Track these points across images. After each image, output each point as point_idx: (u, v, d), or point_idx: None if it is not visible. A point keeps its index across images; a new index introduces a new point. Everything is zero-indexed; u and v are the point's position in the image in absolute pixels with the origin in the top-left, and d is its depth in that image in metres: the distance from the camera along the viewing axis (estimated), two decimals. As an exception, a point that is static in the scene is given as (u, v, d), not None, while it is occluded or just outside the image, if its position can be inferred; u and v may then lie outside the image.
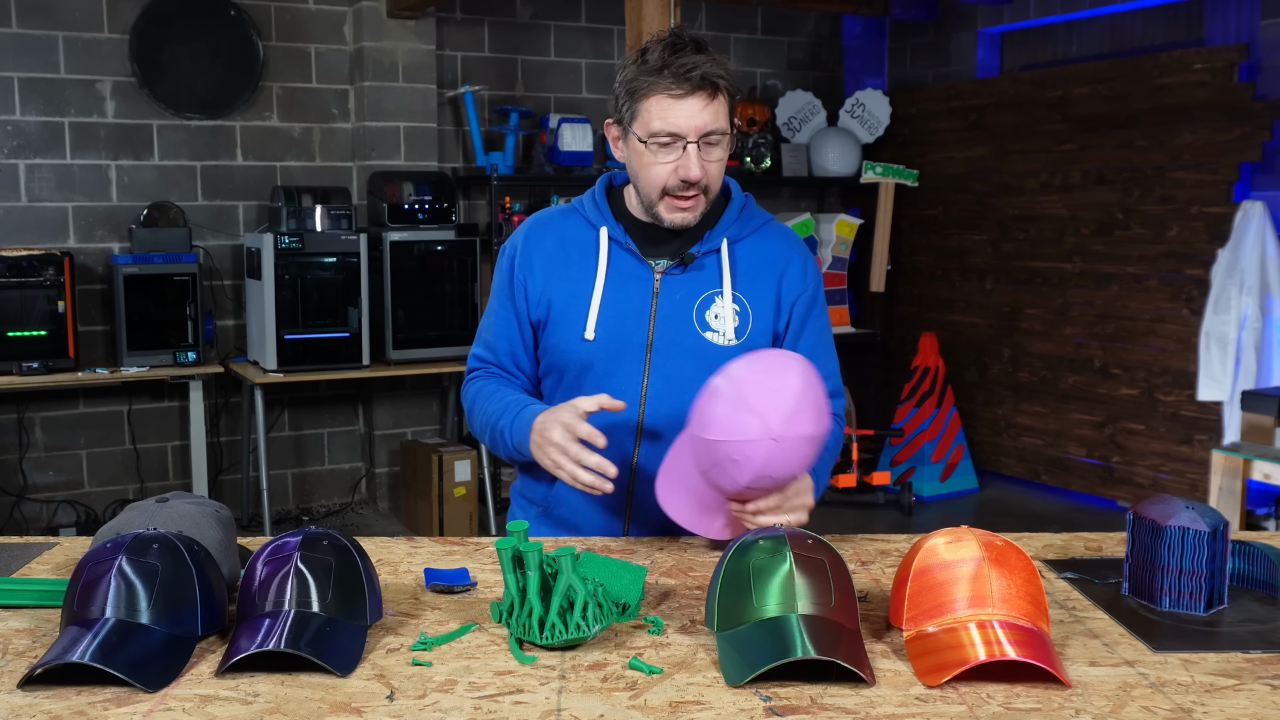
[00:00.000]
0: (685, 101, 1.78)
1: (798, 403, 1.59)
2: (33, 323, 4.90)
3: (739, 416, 1.59)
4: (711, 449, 1.62)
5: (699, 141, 1.80)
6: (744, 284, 1.91)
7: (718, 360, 1.82)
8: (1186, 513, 1.51)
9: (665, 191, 1.84)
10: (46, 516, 5.40)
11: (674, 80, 1.78)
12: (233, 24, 5.51)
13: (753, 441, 1.58)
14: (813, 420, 1.61)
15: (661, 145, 1.81)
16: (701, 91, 1.78)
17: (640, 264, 1.90)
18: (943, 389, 6.28)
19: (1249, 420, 4.27)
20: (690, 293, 1.89)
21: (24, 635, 1.42)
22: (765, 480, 1.62)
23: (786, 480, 1.65)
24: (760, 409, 1.58)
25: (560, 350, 1.91)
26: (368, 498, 6.04)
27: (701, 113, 1.79)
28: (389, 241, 5.31)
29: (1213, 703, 1.22)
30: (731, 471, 1.61)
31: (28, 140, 5.22)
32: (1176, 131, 5.41)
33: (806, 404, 1.60)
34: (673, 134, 1.79)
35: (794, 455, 1.60)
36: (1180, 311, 5.44)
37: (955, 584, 1.34)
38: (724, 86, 1.81)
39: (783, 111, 6.66)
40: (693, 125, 1.79)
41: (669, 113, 1.79)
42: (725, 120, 1.83)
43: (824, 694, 1.23)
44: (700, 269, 1.90)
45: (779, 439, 1.57)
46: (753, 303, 1.91)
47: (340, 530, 1.49)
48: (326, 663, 1.27)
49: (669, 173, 1.82)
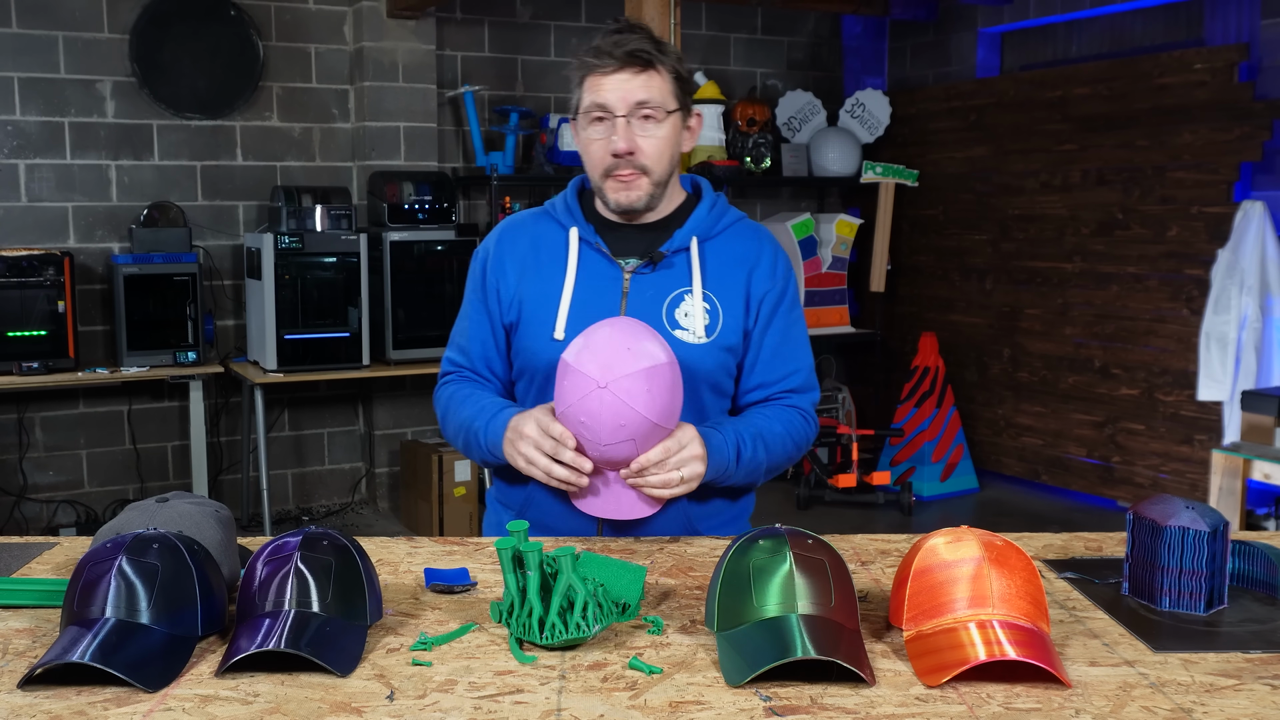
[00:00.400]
0: (612, 76, 1.81)
1: (610, 346, 1.65)
2: (33, 323, 4.90)
3: (566, 380, 1.67)
4: (567, 423, 1.70)
5: (628, 115, 1.81)
6: (713, 282, 1.91)
7: (688, 358, 1.83)
8: (1186, 513, 1.51)
9: (605, 172, 1.85)
10: (46, 516, 5.40)
11: (600, 57, 1.81)
12: (233, 24, 5.51)
13: (585, 397, 1.65)
14: (630, 358, 1.64)
15: (592, 121, 1.83)
16: (630, 66, 1.81)
17: (610, 263, 1.90)
18: (943, 389, 6.28)
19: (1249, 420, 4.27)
20: (660, 291, 1.88)
21: (24, 635, 1.42)
22: (621, 431, 1.66)
23: (643, 427, 1.67)
24: (581, 365, 1.65)
25: (531, 352, 1.91)
26: (368, 498, 6.04)
27: (628, 84, 1.80)
28: (389, 241, 5.31)
29: (1213, 703, 1.22)
30: (590, 435, 1.67)
31: (28, 140, 5.22)
32: (1176, 131, 5.41)
33: (619, 345, 1.65)
34: (601, 106, 1.82)
35: (632, 397, 1.64)
36: (1180, 311, 5.44)
37: (955, 584, 1.34)
38: (657, 62, 1.82)
39: (783, 111, 6.66)
40: (619, 97, 1.80)
41: (599, 88, 1.82)
42: (663, 95, 1.83)
43: (824, 694, 1.23)
44: (670, 267, 1.90)
45: (605, 385, 1.63)
46: (722, 300, 1.90)
47: (340, 530, 1.49)
48: (326, 663, 1.27)
49: (603, 150, 1.83)
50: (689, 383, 1.85)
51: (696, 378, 1.87)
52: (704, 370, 1.89)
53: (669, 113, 1.84)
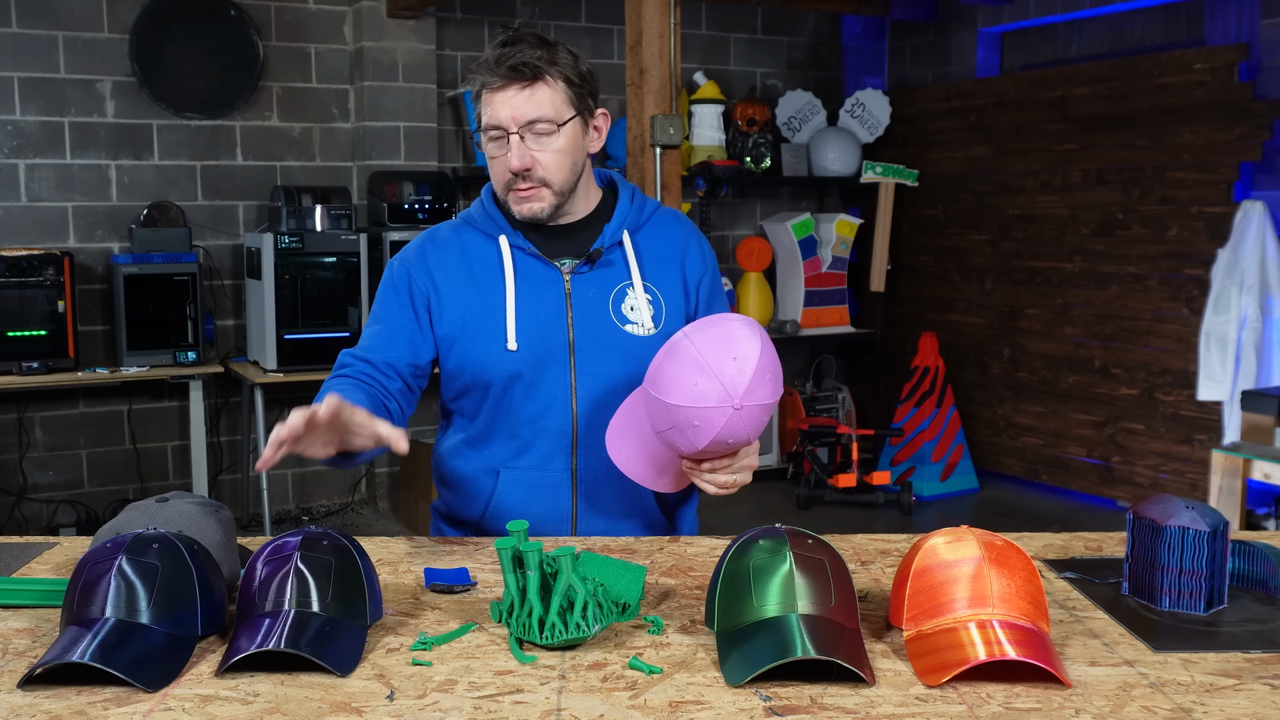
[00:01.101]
0: (502, 93, 1.78)
1: (759, 371, 1.58)
2: (33, 323, 4.90)
3: (701, 382, 1.58)
4: (671, 412, 1.61)
5: (520, 132, 1.78)
6: (650, 273, 1.92)
7: (642, 351, 1.82)
8: (1186, 513, 1.51)
9: (506, 187, 1.84)
10: (46, 516, 5.40)
11: (491, 73, 1.78)
12: (233, 24, 5.51)
13: (714, 409, 1.57)
14: (771, 388, 1.61)
15: (490, 139, 1.81)
16: (517, 80, 1.77)
17: (546, 266, 1.89)
18: (943, 389, 6.28)
19: (1249, 420, 4.27)
20: (602, 288, 1.88)
21: (24, 635, 1.42)
22: (722, 446, 1.63)
23: (743, 445, 1.66)
24: (723, 377, 1.57)
25: (483, 365, 1.87)
26: (368, 498, 6.04)
27: (516, 100, 1.77)
28: (389, 241, 5.31)
29: (1213, 703, 1.22)
30: (690, 435, 1.61)
31: (28, 140, 5.22)
32: (1176, 131, 5.41)
33: (766, 372, 1.60)
34: (496, 126, 1.79)
35: (753, 422, 1.61)
36: (1180, 311, 5.44)
37: (955, 584, 1.34)
38: (546, 73, 1.78)
39: (783, 111, 6.66)
40: (509, 115, 1.78)
41: (491, 105, 1.79)
42: (555, 107, 1.79)
43: (824, 694, 1.23)
44: (608, 264, 1.90)
45: (740, 408, 1.57)
46: (662, 290, 1.91)
47: (340, 530, 1.49)
48: (326, 663, 1.27)
49: (502, 167, 1.82)
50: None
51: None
52: None
53: (562, 124, 1.80)
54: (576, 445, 1.87)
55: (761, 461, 6.45)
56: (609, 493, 1.89)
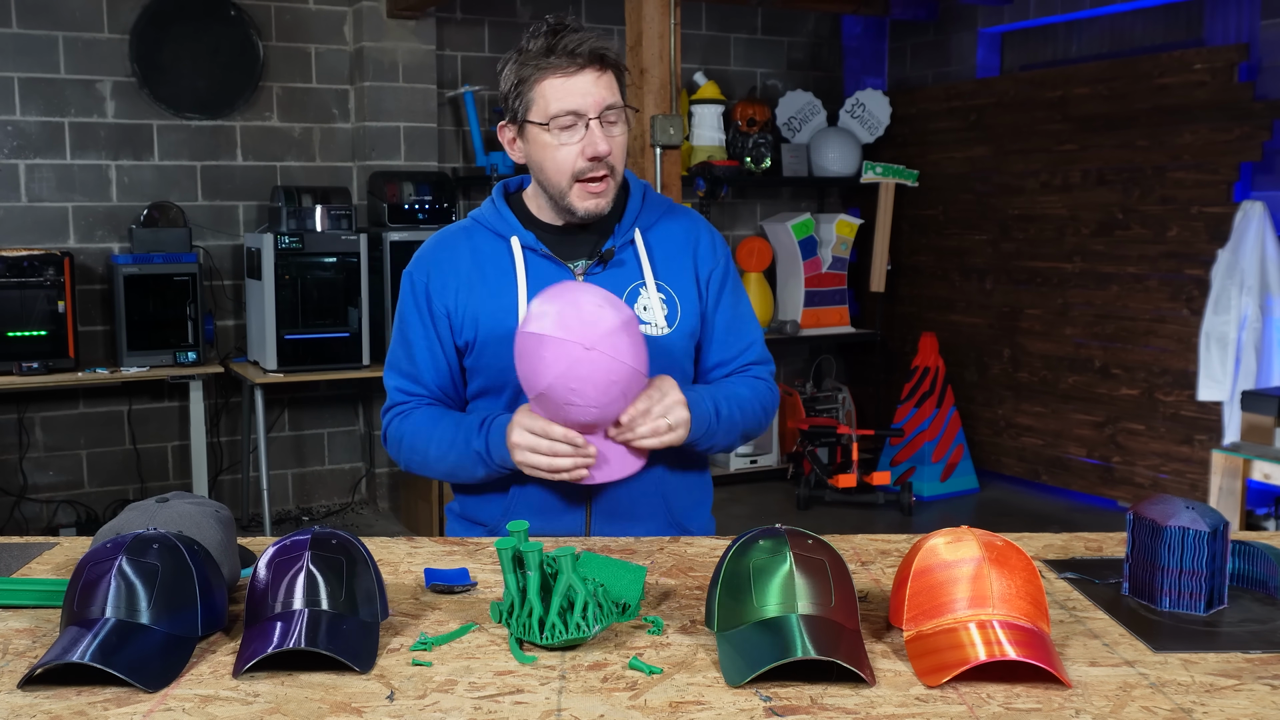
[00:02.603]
0: (579, 77, 1.77)
1: (579, 309, 1.64)
2: (33, 323, 4.90)
3: (548, 352, 1.64)
4: (553, 397, 1.67)
5: (599, 117, 1.78)
6: (663, 271, 1.90)
7: (655, 351, 1.82)
8: (1186, 513, 1.51)
9: (575, 177, 1.81)
10: (46, 516, 5.40)
11: (564, 59, 1.76)
12: (233, 24, 5.51)
13: (574, 364, 1.62)
14: (606, 313, 1.64)
15: (564, 127, 1.79)
16: (592, 66, 1.77)
17: (559, 267, 1.88)
18: (943, 389, 6.28)
19: (1249, 420, 4.27)
20: (615, 289, 1.86)
21: (24, 635, 1.42)
22: (614, 389, 1.66)
23: (633, 378, 1.67)
24: (560, 334, 1.63)
25: (498, 369, 1.86)
26: (368, 498, 6.04)
27: (592, 86, 1.77)
28: (389, 241, 5.31)
29: (1213, 703, 1.22)
30: (580, 402, 1.66)
31: (28, 140, 5.22)
32: (1176, 131, 5.41)
33: (585, 305, 1.65)
34: (573, 112, 1.77)
35: (618, 351, 1.63)
36: (1180, 311, 5.44)
37: (955, 584, 1.34)
38: (612, 61, 1.79)
39: (783, 111, 6.66)
40: (591, 101, 1.77)
41: (565, 92, 1.77)
42: (619, 96, 1.81)
43: (824, 694, 1.23)
44: (620, 264, 1.89)
45: (591, 346, 1.62)
46: (676, 288, 1.90)
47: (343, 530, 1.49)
48: (346, 659, 1.27)
49: (575, 155, 1.79)
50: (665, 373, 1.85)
51: (671, 367, 1.87)
52: (675, 358, 1.89)
53: (623, 110, 1.82)
54: None
55: (761, 461, 6.46)
56: (621, 494, 1.88)
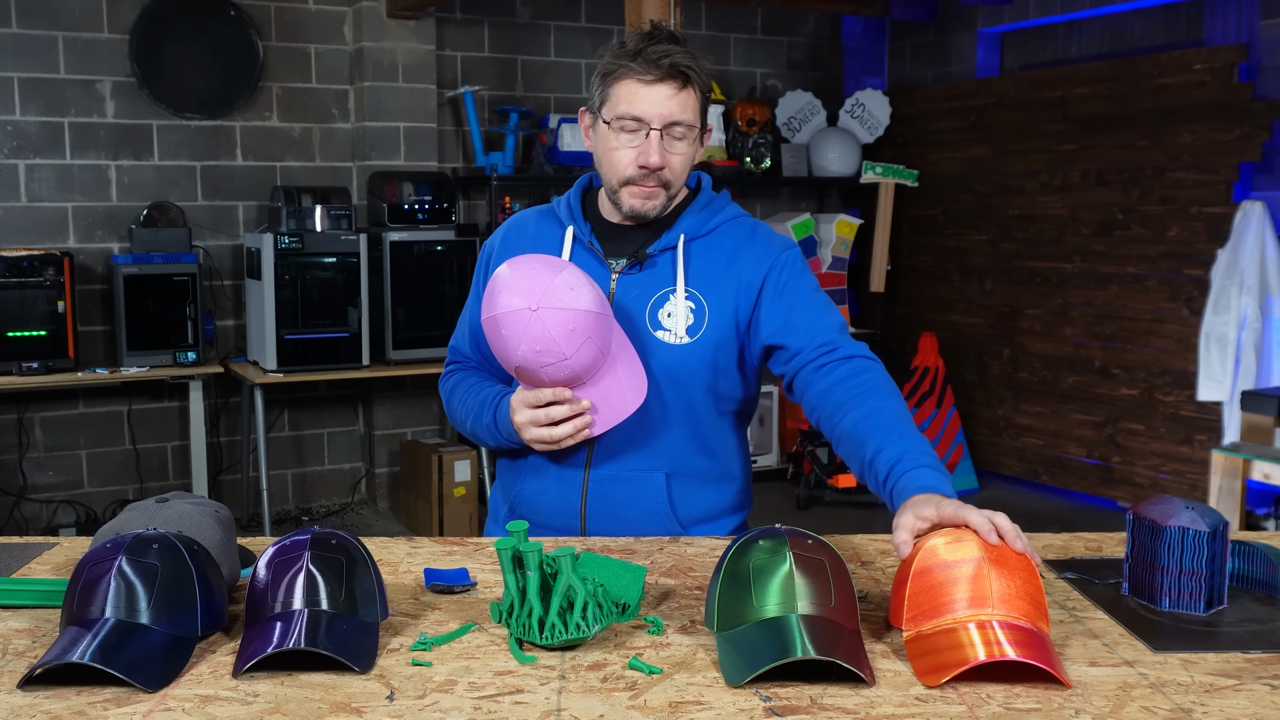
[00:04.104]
0: (655, 87, 1.78)
1: (516, 279, 1.70)
2: (33, 323, 4.90)
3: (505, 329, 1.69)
4: (529, 367, 1.72)
5: (662, 130, 1.79)
6: (699, 279, 1.88)
7: (668, 359, 1.83)
8: (1186, 513, 1.51)
9: (626, 179, 1.83)
10: (46, 516, 5.40)
11: (644, 65, 1.78)
12: (233, 24, 5.51)
13: (527, 327, 1.67)
14: (541, 273, 1.69)
15: (626, 130, 1.80)
16: (671, 80, 1.78)
17: (600, 264, 1.90)
18: (943, 389, 6.28)
19: (1249, 420, 4.27)
20: (645, 292, 1.87)
21: (24, 635, 1.42)
22: (576, 335, 1.68)
23: (591, 320, 1.69)
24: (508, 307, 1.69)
25: None
26: (368, 498, 6.04)
27: (668, 101, 1.79)
28: (389, 241, 5.31)
29: (1212, 703, 1.22)
30: (550, 359, 1.70)
31: (28, 140, 5.22)
32: (1176, 131, 5.41)
33: (522, 273, 1.70)
34: (637, 119, 1.79)
35: (565, 301, 1.68)
36: (1180, 311, 5.44)
37: (955, 584, 1.34)
38: (695, 79, 1.80)
39: (783, 111, 6.66)
40: (657, 112, 1.79)
41: (635, 97, 1.79)
42: (693, 115, 1.82)
43: (824, 694, 1.23)
44: (655, 268, 1.89)
45: (536, 306, 1.67)
46: (709, 297, 1.87)
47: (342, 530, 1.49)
48: (346, 659, 1.27)
49: (631, 159, 1.81)
50: (674, 384, 1.85)
51: (681, 378, 1.86)
52: (688, 370, 1.86)
53: (693, 129, 1.83)
54: (591, 446, 1.87)
55: (761, 461, 6.46)
56: (619, 494, 1.88)
